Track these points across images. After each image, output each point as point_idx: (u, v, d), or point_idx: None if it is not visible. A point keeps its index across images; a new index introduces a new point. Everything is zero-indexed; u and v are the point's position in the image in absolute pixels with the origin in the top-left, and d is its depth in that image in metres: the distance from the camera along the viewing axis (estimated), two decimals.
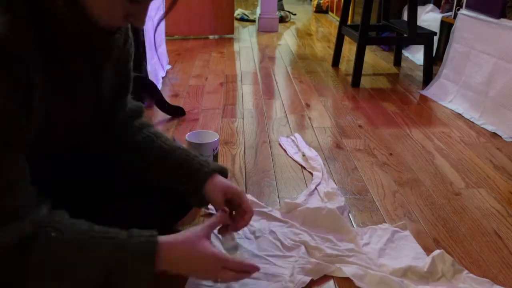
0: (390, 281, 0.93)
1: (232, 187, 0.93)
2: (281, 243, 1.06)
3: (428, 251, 1.06)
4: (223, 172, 0.96)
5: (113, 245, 0.70)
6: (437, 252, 1.01)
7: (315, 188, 1.33)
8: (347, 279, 0.96)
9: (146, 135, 0.97)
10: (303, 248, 1.04)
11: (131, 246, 0.70)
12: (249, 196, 1.25)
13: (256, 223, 1.13)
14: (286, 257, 1.02)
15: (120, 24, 0.72)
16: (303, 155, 1.54)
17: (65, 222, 0.70)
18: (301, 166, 1.48)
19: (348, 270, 0.97)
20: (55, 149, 0.82)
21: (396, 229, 1.14)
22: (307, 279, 0.95)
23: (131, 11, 0.70)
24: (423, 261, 1.02)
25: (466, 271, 0.99)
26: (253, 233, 1.10)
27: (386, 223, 1.17)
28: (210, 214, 1.18)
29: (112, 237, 0.71)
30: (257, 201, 1.24)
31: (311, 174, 1.42)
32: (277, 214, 1.18)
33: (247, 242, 1.07)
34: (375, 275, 0.95)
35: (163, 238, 0.74)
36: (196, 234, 0.79)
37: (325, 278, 0.98)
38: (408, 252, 1.06)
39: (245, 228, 1.05)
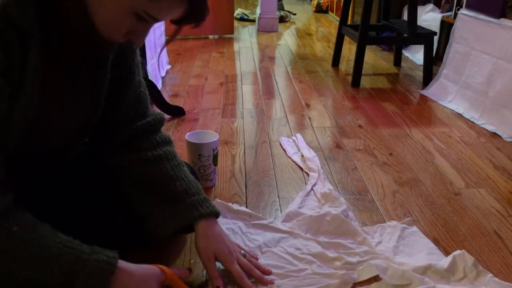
0: (411, 276, 0.93)
1: (222, 252, 0.89)
2: (293, 257, 1.01)
3: None
4: (217, 215, 0.95)
5: (73, 256, 0.70)
6: (458, 252, 1.01)
7: (311, 189, 1.32)
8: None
9: (157, 153, 0.95)
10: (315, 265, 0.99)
11: (91, 261, 0.70)
12: (243, 208, 1.18)
13: (259, 236, 1.08)
14: (302, 271, 0.97)
15: (119, 39, 0.73)
16: (302, 156, 1.54)
17: (29, 221, 0.70)
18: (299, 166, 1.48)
19: (372, 261, 0.97)
20: (48, 145, 0.82)
21: (404, 225, 1.14)
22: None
23: (135, 28, 0.71)
24: (438, 256, 1.02)
25: (490, 275, 0.97)
26: (258, 247, 1.03)
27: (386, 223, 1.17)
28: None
29: (74, 248, 0.71)
30: (255, 213, 1.17)
31: (308, 174, 1.42)
32: (279, 225, 1.13)
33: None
34: (397, 268, 0.95)
35: (122, 263, 0.74)
36: (156, 270, 0.80)
37: None
38: (421, 248, 1.06)
39: (249, 243, 1.03)
